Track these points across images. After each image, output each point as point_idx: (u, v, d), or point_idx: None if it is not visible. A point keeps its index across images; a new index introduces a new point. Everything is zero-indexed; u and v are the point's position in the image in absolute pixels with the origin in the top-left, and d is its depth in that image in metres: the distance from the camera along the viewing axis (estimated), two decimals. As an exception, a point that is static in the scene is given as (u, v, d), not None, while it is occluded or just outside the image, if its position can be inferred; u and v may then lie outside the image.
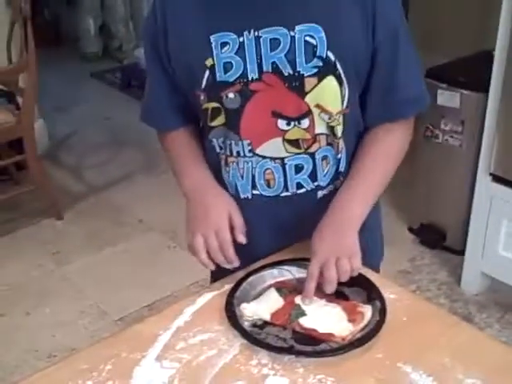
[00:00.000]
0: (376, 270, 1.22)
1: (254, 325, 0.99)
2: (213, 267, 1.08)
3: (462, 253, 2.50)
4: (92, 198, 3.23)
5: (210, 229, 1.08)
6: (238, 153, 1.12)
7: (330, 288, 1.02)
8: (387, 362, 0.92)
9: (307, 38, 1.04)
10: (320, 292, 1.02)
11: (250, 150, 1.11)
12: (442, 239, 2.69)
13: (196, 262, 1.11)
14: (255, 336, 0.95)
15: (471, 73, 2.37)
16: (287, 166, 1.11)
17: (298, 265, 1.09)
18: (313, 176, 1.13)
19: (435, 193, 2.66)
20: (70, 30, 5.20)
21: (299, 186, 1.13)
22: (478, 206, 2.32)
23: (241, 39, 1.05)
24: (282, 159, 1.11)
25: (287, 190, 1.14)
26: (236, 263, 1.08)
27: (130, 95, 4.33)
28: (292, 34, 1.03)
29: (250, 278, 1.06)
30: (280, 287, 1.05)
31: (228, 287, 1.05)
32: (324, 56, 1.04)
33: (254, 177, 1.13)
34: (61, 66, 4.72)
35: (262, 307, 1.00)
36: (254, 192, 1.14)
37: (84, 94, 4.49)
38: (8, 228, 2.93)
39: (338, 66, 1.06)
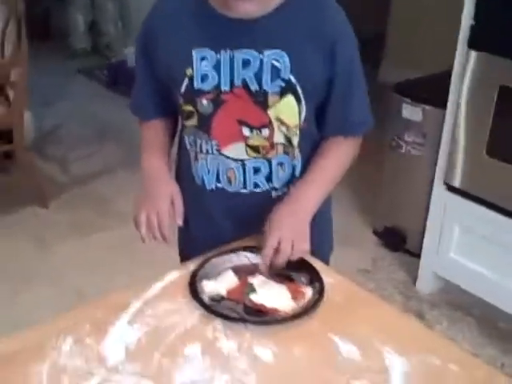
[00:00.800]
0: (325, 260, 1.40)
1: (213, 299, 1.16)
2: (147, 241, 1.28)
3: (420, 256, 2.66)
4: (76, 189, 3.38)
5: (153, 209, 1.27)
6: (207, 150, 1.29)
7: (282, 260, 1.20)
8: (320, 332, 1.11)
9: (273, 62, 1.21)
10: (270, 273, 1.21)
11: (217, 150, 1.28)
12: (402, 242, 2.87)
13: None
14: (212, 307, 1.13)
15: (434, 89, 2.55)
16: (247, 168, 1.29)
17: (254, 251, 1.27)
18: (268, 178, 1.31)
19: (398, 199, 2.85)
20: (60, 25, 5.31)
21: (256, 185, 1.31)
22: (434, 213, 2.50)
23: (218, 56, 1.22)
24: (243, 161, 1.29)
25: (245, 188, 1.31)
26: (169, 240, 1.28)
27: (116, 92, 4.46)
28: (261, 57, 1.21)
29: (212, 261, 1.24)
30: (237, 269, 1.23)
31: (192, 267, 1.23)
32: (286, 78, 1.22)
33: (218, 172, 1.31)
34: (49, 61, 4.83)
35: (220, 285, 1.18)
36: (218, 185, 1.32)
37: (71, 89, 4.62)
38: (-6, 214, 3.06)
39: (298, 87, 1.23)
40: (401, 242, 2.87)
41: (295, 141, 1.30)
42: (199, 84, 1.24)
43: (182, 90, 1.26)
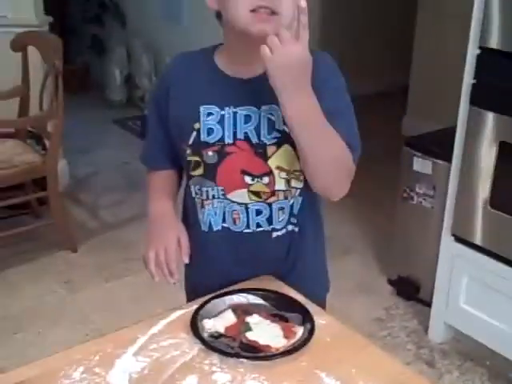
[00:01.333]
0: (321, 302, 1.49)
1: (212, 335, 1.27)
2: (157, 279, 1.38)
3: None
4: (105, 235, 3.53)
5: (161, 246, 1.38)
6: (213, 196, 1.41)
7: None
8: (308, 368, 1.21)
9: (269, 116, 1.34)
10: (265, 314, 1.32)
11: (222, 195, 1.41)
12: (416, 291, 2.94)
13: None
14: (210, 343, 1.25)
15: (443, 144, 2.65)
16: (250, 210, 1.41)
17: (252, 293, 1.38)
18: (269, 220, 1.42)
19: (411, 249, 2.93)
20: (98, 78, 5.59)
21: (258, 225, 1.43)
22: (443, 263, 2.57)
23: (222, 112, 1.36)
24: (246, 204, 1.40)
25: (249, 228, 1.43)
26: (176, 276, 1.38)
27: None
28: (259, 112, 1.34)
29: (214, 301, 1.36)
30: (235, 309, 1.34)
31: (195, 307, 1.35)
32: (281, 129, 1.33)
33: (224, 214, 1.43)
34: (87, 111, 5.06)
35: (219, 323, 1.30)
36: (224, 225, 1.44)
37: (106, 138, 4.82)
38: (27, 257, 3.22)
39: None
40: (414, 291, 2.94)
41: (294, 183, 1.40)
42: (205, 137, 1.37)
43: (190, 141, 1.38)
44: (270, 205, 1.41)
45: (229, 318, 1.31)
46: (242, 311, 1.33)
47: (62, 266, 3.23)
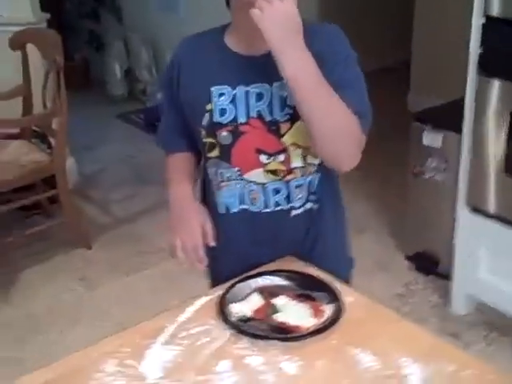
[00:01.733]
0: (345, 279, 1.48)
1: (240, 320, 1.27)
2: (186, 266, 1.37)
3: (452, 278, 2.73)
4: (117, 229, 3.52)
5: (186, 234, 1.38)
6: (229, 177, 1.40)
7: None
8: (340, 345, 1.20)
9: (281, 92, 1.32)
10: (292, 294, 1.31)
11: (239, 175, 1.39)
12: (435, 266, 2.92)
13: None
14: (240, 327, 1.24)
15: (453, 116, 2.62)
16: (267, 189, 1.40)
17: (277, 275, 1.37)
18: (288, 198, 1.41)
19: (427, 224, 2.91)
20: (99, 73, 5.56)
21: (277, 204, 1.41)
22: (460, 236, 2.56)
23: (234, 92, 1.35)
24: (264, 184, 1.39)
25: (267, 207, 1.41)
26: (205, 262, 1.38)
27: (153, 135, 4.62)
28: (271, 89, 1.33)
29: (239, 285, 1.35)
30: (261, 291, 1.33)
31: (220, 292, 1.34)
32: (293, 105, 1.30)
33: (242, 195, 1.41)
34: (90, 108, 5.03)
35: (246, 306, 1.29)
36: (242, 207, 1.42)
37: (110, 133, 4.81)
38: (42, 257, 3.21)
39: None
40: (433, 265, 2.92)
41: (310, 159, 1.39)
42: (218, 118, 1.36)
43: (204, 123, 1.38)
44: (287, 183, 1.39)
45: (255, 301, 1.30)
46: (268, 293, 1.32)
47: (77, 263, 3.23)
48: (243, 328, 1.24)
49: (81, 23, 5.66)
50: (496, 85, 2.23)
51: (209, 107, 1.36)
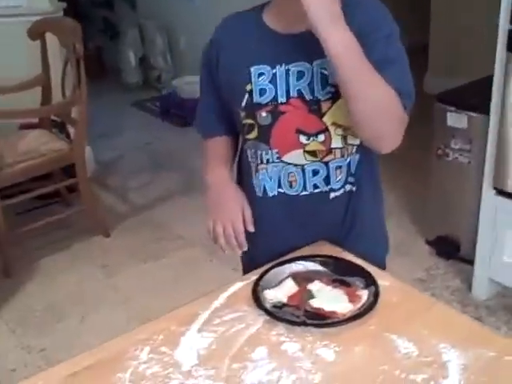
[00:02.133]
0: (381, 263, 1.45)
1: (275, 306, 1.25)
2: (227, 252, 1.37)
3: (474, 262, 2.68)
4: (135, 217, 3.53)
5: (227, 220, 1.36)
6: (268, 160, 1.38)
7: None
8: (377, 331, 1.18)
9: (322, 70, 1.30)
10: (326, 280, 1.29)
11: (277, 158, 1.37)
12: (456, 250, 2.90)
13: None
14: (275, 313, 1.22)
15: (477, 96, 2.59)
16: (306, 171, 1.37)
17: (310, 260, 1.35)
18: (327, 180, 1.39)
19: (449, 207, 2.88)
20: (113, 62, 5.55)
21: (315, 186, 1.39)
22: (485, 218, 2.53)
23: (274, 71, 1.33)
24: (303, 165, 1.37)
25: (306, 190, 1.39)
26: (245, 247, 1.37)
27: (169, 122, 4.63)
28: (312, 67, 1.30)
29: (272, 271, 1.33)
30: (295, 277, 1.31)
31: (254, 278, 1.32)
32: (334, 83, 1.28)
33: (280, 178, 1.39)
34: (105, 96, 5.04)
35: (280, 292, 1.26)
36: (279, 190, 1.40)
37: (126, 121, 4.82)
38: (61, 245, 3.23)
39: None
40: (454, 249, 2.90)
41: (351, 140, 1.36)
42: (258, 98, 1.34)
43: (243, 104, 1.36)
44: (326, 164, 1.37)
45: (290, 287, 1.28)
46: (302, 279, 1.30)
47: (97, 251, 3.23)
48: (278, 314, 1.21)
49: (94, 12, 5.63)
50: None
51: (248, 87, 1.34)
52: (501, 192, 2.43)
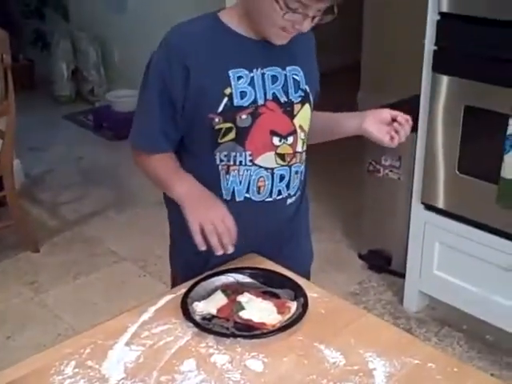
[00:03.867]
0: (307, 271, 1.52)
1: (204, 318, 1.24)
2: (220, 252, 1.29)
3: (404, 276, 2.75)
4: (66, 232, 3.43)
5: (217, 218, 1.31)
6: (241, 162, 1.39)
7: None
8: (306, 342, 1.19)
9: (294, 76, 1.40)
10: (255, 292, 1.29)
11: (250, 160, 1.39)
12: (387, 264, 2.95)
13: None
14: (204, 325, 1.21)
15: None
16: (275, 175, 1.41)
17: (240, 272, 1.35)
18: (288, 185, 1.44)
19: (380, 222, 2.94)
20: (45, 74, 5.43)
21: (279, 192, 1.43)
22: (414, 233, 2.58)
23: (251, 74, 1.36)
24: (272, 169, 1.41)
25: (270, 196, 1.42)
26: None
27: (102, 136, 4.56)
28: (284, 72, 1.39)
29: (202, 283, 1.32)
30: (225, 289, 1.31)
31: (183, 290, 1.31)
32: (304, 89, 1.40)
33: (249, 183, 1.40)
34: (36, 109, 4.91)
35: (210, 304, 1.26)
36: (246, 195, 1.41)
37: (58, 135, 4.70)
38: (-13, 261, 3.12)
39: (311, 96, 1.43)
40: (385, 263, 2.95)
41: (305, 146, 1.47)
42: (239, 101, 1.35)
43: (220, 109, 1.35)
44: (290, 168, 1.43)
45: (219, 299, 1.28)
46: (232, 291, 1.31)
47: (26, 267, 3.13)
48: (207, 326, 1.21)
49: (24, 23, 5.51)
50: (450, 82, 2.26)
51: (228, 91, 1.35)
52: (429, 207, 2.49)
